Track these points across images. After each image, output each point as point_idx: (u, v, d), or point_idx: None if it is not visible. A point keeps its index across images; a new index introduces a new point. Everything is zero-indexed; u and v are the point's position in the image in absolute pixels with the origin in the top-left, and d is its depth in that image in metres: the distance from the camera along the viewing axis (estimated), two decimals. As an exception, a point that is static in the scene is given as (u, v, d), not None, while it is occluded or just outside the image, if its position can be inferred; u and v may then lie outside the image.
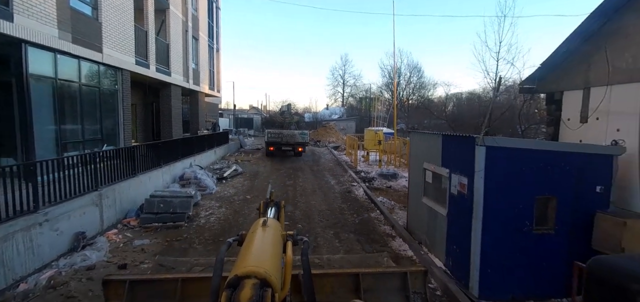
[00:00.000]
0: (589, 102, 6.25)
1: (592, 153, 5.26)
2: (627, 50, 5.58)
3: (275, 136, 19.51)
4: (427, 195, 7.05)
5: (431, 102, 42.52)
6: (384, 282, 2.98)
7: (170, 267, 3.81)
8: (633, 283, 1.00)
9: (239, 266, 1.17)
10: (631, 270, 1.02)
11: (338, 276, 2.92)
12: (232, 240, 1.69)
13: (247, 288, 1.03)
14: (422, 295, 3.01)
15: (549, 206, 5.21)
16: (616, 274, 1.05)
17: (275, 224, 1.76)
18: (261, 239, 1.50)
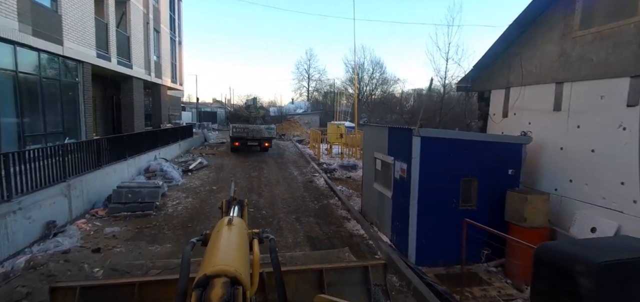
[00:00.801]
0: (509, 100, 7.43)
1: (506, 142, 6.39)
2: (536, 57, 6.76)
3: (240, 131, 18.91)
4: (377, 181, 7.97)
5: (394, 97, 44.34)
6: (347, 276, 3.01)
7: (124, 271, 3.66)
8: (575, 265, 1.06)
9: (207, 265, 1.12)
10: (573, 254, 1.09)
11: (302, 272, 2.92)
12: (195, 240, 1.63)
13: (217, 287, 1.00)
14: (382, 287, 3.04)
15: (472, 186, 6.27)
16: (560, 258, 1.12)
17: (241, 222, 1.73)
18: (228, 238, 1.44)
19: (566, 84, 6.11)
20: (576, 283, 0.89)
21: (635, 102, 5.03)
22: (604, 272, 0.86)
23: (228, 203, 2.45)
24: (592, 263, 0.87)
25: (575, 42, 5.95)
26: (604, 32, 5.47)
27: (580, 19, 5.89)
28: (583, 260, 0.91)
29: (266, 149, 19.86)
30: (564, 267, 0.94)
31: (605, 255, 0.89)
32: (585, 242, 1.02)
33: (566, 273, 0.93)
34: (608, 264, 0.86)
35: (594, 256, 0.90)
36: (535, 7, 6.45)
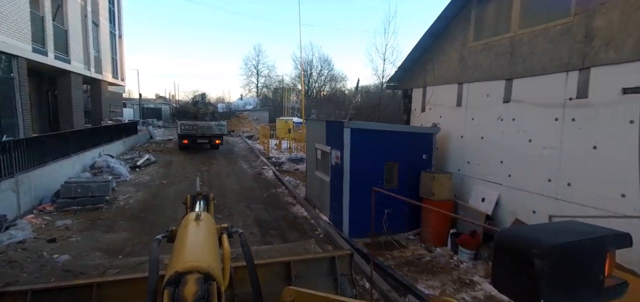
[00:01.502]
0: (426, 97, 8.85)
1: (420, 132, 7.75)
2: (444, 62, 8.21)
3: (189, 128, 18.25)
4: (318, 169, 9.02)
5: (343, 94, 46.15)
6: (314, 267, 3.06)
7: (78, 272, 3.45)
8: (531, 248, 1.01)
9: (177, 262, 1.09)
10: (529, 237, 1.03)
11: (269, 265, 2.92)
12: (161, 236, 1.60)
13: (190, 283, 0.98)
14: (348, 276, 3.11)
15: (394, 169, 7.54)
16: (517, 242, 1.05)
17: (209, 217, 1.69)
18: (196, 234, 1.41)
19: (464, 85, 7.59)
20: (532, 264, 0.92)
21: (508, 99, 6.55)
22: (556, 254, 0.90)
23: (193, 198, 2.37)
24: (545, 245, 0.90)
25: (470, 51, 7.43)
26: (489, 44, 6.98)
27: (474, 33, 7.37)
28: (538, 243, 0.93)
29: (217, 147, 19.45)
30: (521, 250, 0.96)
31: (557, 238, 0.94)
32: (539, 227, 1.09)
33: (523, 256, 0.95)
34: (559, 246, 0.90)
35: (547, 239, 0.93)
36: (442, 21, 7.87)
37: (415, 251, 7.10)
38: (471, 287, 5.73)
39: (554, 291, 0.90)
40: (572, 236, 0.95)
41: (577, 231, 0.99)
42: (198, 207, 2.18)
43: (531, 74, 6.06)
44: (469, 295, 5.48)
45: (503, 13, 6.65)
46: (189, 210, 2.23)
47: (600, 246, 0.95)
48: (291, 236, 7.36)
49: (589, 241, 0.94)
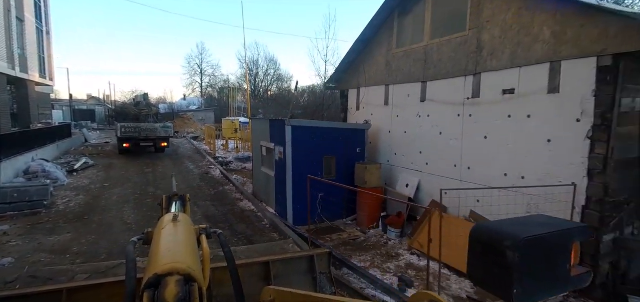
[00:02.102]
0: (360, 97, 9.87)
1: (354, 128, 8.72)
2: (374, 66, 9.26)
3: (131, 131, 17.20)
4: (264, 165, 9.64)
5: (290, 93, 46.73)
6: (293, 266, 3.02)
7: (46, 278, 3.28)
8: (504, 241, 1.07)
9: (156, 264, 1.05)
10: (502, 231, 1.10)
11: (249, 265, 2.89)
12: (137, 239, 1.55)
13: (171, 285, 0.94)
14: (327, 274, 3.09)
15: (332, 162, 8.41)
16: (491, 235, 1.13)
17: (187, 218, 1.67)
18: (175, 235, 1.38)
19: (390, 86, 8.69)
20: (505, 256, 0.96)
21: (424, 99, 7.73)
22: (527, 246, 0.95)
23: (169, 199, 2.30)
24: (517, 238, 0.96)
25: (394, 57, 8.53)
26: (408, 51, 8.11)
27: (396, 41, 8.49)
28: (510, 236, 0.99)
29: (163, 150, 18.48)
30: (494, 243, 1.01)
31: (528, 231, 0.98)
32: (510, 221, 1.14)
33: (496, 248, 1.00)
34: (530, 239, 0.96)
35: (518, 232, 0.99)
36: (370, 29, 8.90)
37: (352, 233, 8.03)
38: (396, 259, 6.74)
39: (525, 280, 0.94)
40: (541, 229, 0.99)
41: (546, 225, 1.04)
42: (174, 208, 2.09)
43: (440, 78, 7.26)
44: (393, 264, 6.47)
45: (418, 25, 7.81)
46: (165, 211, 2.14)
47: (566, 238, 1.01)
48: (239, 228, 7.91)
49: (557, 234, 0.99)
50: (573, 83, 5.05)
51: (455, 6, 6.91)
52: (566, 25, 5.07)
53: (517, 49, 5.75)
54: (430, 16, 7.52)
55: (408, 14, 8.12)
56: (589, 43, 4.83)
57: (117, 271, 2.74)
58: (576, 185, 5.08)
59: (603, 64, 4.70)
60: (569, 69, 5.09)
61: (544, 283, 0.99)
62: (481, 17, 6.33)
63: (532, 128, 5.63)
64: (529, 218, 1.19)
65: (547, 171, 5.43)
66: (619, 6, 4.62)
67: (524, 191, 5.63)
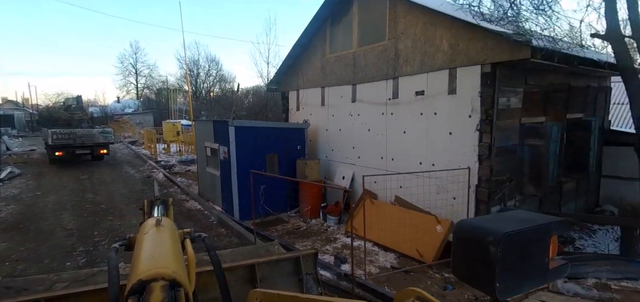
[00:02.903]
0: (299, 98, 10.63)
1: (294, 127, 9.46)
2: (311, 69, 10.07)
3: (64, 137, 15.52)
4: (209, 165, 9.99)
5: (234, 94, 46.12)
6: (278, 268, 3.02)
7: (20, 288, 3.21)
8: (486, 236, 1.07)
9: (140, 269, 1.00)
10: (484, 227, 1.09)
11: (234, 269, 2.85)
12: (118, 245, 1.49)
13: (156, 291, 0.91)
14: (313, 275, 3.07)
15: (274, 160, 9.06)
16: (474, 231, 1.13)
17: (170, 222, 1.61)
18: (158, 239, 1.33)
19: (326, 88, 9.56)
20: (487, 251, 1.00)
21: (354, 99, 8.69)
22: (508, 241, 0.97)
23: (151, 203, 2.27)
24: (498, 233, 0.98)
25: (328, 61, 9.41)
26: (340, 56, 9.03)
27: (329, 47, 9.37)
28: (492, 232, 1.01)
29: (102, 157, 16.95)
30: (477, 238, 1.05)
31: (509, 227, 1.01)
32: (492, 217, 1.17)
33: (479, 243, 1.03)
34: (511, 234, 0.98)
35: (500, 228, 1.01)
36: (306, 36, 9.68)
37: (295, 223, 8.77)
38: (334, 242, 7.59)
39: (506, 275, 0.96)
40: (521, 224, 1.01)
41: (525, 220, 1.05)
42: (156, 212, 2.06)
43: (367, 81, 8.26)
44: (331, 246, 7.30)
45: (347, 34, 8.75)
46: (147, 216, 2.10)
47: (545, 232, 1.04)
48: (187, 226, 8.20)
49: (536, 228, 1.02)
50: (465, 86, 6.26)
51: (377, 19, 7.93)
52: (459, 38, 6.27)
53: (425, 57, 6.89)
54: (357, 26, 8.49)
55: (339, 24, 9.04)
56: (475, 54, 6.05)
57: (97, 279, 2.58)
58: (470, 168, 6.30)
59: (485, 71, 5.94)
60: (462, 75, 6.30)
61: (525, 276, 1.01)
62: (397, 29, 7.41)
63: (438, 123, 6.80)
64: (509, 214, 1.23)
65: (450, 158, 6.62)
66: (493, 25, 5.83)
67: (434, 175, 6.78)
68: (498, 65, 5.83)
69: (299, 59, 10.40)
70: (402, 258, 6.60)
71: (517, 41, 5.27)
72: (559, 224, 1.08)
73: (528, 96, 6.55)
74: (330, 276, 5.82)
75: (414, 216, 7.04)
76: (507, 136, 6.32)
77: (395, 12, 7.42)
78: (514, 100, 6.30)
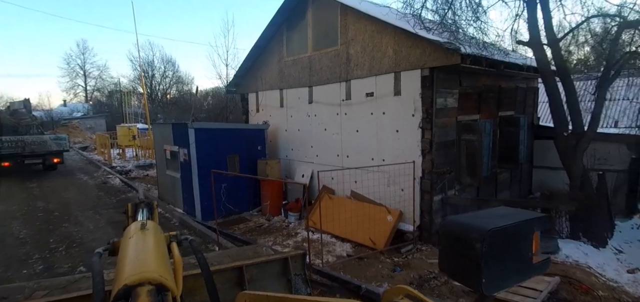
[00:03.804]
0: (259, 100, 10.93)
1: (254, 129, 9.77)
2: (269, 72, 10.42)
3: (11, 146, 14.08)
4: (169, 168, 10.03)
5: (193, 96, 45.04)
6: (267, 270, 3.01)
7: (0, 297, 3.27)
8: (471, 233, 1.12)
9: (125, 274, 0.98)
10: (470, 224, 1.15)
11: (222, 271, 2.83)
12: (102, 250, 1.47)
13: (143, 296, 0.90)
14: (302, 276, 3.08)
15: (235, 160, 9.32)
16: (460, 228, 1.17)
17: (155, 225, 1.58)
18: (144, 243, 1.30)
19: (284, 90, 9.97)
20: (473, 247, 1.02)
21: (311, 101, 9.18)
22: (492, 237, 1.00)
23: (135, 207, 2.20)
24: (483, 230, 1.01)
25: (285, 64, 9.82)
26: (296, 60, 9.47)
27: (286, 51, 9.78)
28: (477, 228, 1.03)
29: (55, 167, 15.53)
30: (463, 235, 1.07)
31: (493, 223, 1.04)
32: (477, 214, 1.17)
33: (464, 240, 1.05)
34: (495, 230, 1.01)
35: (485, 224, 1.03)
36: (263, 39, 10.02)
37: (257, 221, 9.09)
38: (295, 237, 8.01)
39: (492, 270, 1.00)
40: (505, 220, 1.05)
41: (509, 216, 1.09)
42: (140, 216, 2.02)
43: (322, 83, 8.77)
44: (292, 241, 7.71)
45: (302, 38, 9.21)
46: (131, 220, 2.05)
47: (528, 228, 1.08)
48: (147, 228, 8.29)
49: (519, 224, 1.06)
50: (408, 88, 6.95)
51: (329, 26, 8.46)
52: (402, 45, 6.94)
53: (373, 61, 7.51)
54: (311, 32, 8.98)
55: (294, 29, 9.47)
56: (415, 59, 6.75)
57: (80, 285, 2.57)
58: (415, 162, 6.99)
59: (424, 74, 6.65)
60: (406, 78, 6.98)
61: (509, 271, 1.02)
62: (348, 35, 7.98)
63: (387, 122, 7.45)
64: (494, 211, 1.24)
65: (398, 153, 7.29)
66: (431, 33, 6.55)
67: (384, 169, 7.42)
68: (435, 69, 6.56)
69: (257, 62, 10.70)
70: (357, 247, 7.16)
71: (448, 49, 6.00)
72: (541, 221, 1.10)
73: (463, 96, 7.37)
74: (290, 266, 6.25)
75: (367, 208, 7.65)
76: (446, 132, 7.09)
77: (346, 20, 7.99)
78: (450, 100, 7.08)
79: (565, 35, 7.31)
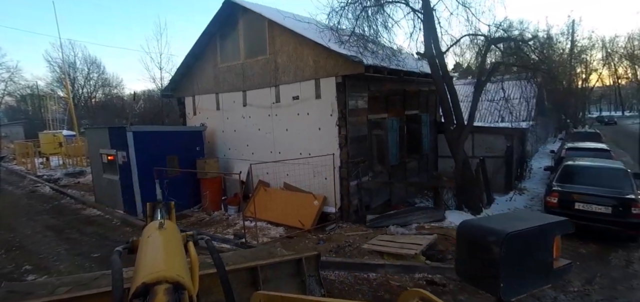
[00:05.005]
0: (195, 103, 11.60)
1: (192, 130, 10.47)
2: (205, 77, 11.16)
3: None
4: (106, 172, 10.30)
5: (121, 99, 42.66)
6: (281, 270, 3.01)
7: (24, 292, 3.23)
8: (489, 236, 1.09)
9: (144, 273, 1.00)
10: (487, 227, 1.18)
11: (236, 271, 2.85)
12: (121, 248, 1.43)
13: (160, 294, 0.91)
14: (315, 277, 3.06)
15: (175, 160, 9.94)
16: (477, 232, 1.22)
17: (173, 225, 1.59)
18: (161, 242, 1.29)
19: (220, 94, 10.80)
20: (490, 250, 1.00)
21: (245, 104, 10.15)
22: (510, 241, 0.98)
23: (153, 207, 2.22)
24: (501, 234, 0.99)
25: (220, 70, 10.66)
26: (230, 66, 10.37)
27: (220, 57, 10.62)
28: (494, 232, 1.01)
29: None
30: (480, 239, 1.05)
31: (511, 227, 1.01)
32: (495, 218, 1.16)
33: (482, 244, 1.04)
34: (513, 234, 0.99)
35: (502, 228, 1.01)
36: (198, 46, 10.74)
37: (199, 217, 9.82)
38: (234, 226, 8.90)
39: (511, 274, 0.98)
40: (524, 224, 1.03)
41: (528, 220, 1.08)
42: (158, 215, 2.03)
43: (255, 88, 9.80)
44: (232, 229, 8.61)
45: (235, 47, 10.14)
46: (150, 219, 2.08)
47: (548, 232, 1.06)
48: (88, 230, 8.63)
49: (539, 228, 1.04)
50: (327, 92, 8.28)
51: (259, 36, 9.51)
52: (320, 57, 8.26)
53: (297, 69, 8.74)
54: (243, 41, 9.96)
55: (227, 38, 10.36)
56: (331, 68, 8.10)
57: (100, 282, 2.63)
58: (334, 154, 8.35)
59: (338, 81, 8.03)
60: (324, 84, 8.31)
61: (529, 276, 1.01)
62: (275, 46, 9.12)
63: (311, 121, 8.72)
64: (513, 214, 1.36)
65: (321, 148, 8.59)
66: (343, 47, 7.92)
67: (311, 161, 8.68)
68: (346, 77, 7.97)
69: (193, 68, 11.37)
70: (289, 229, 8.32)
71: (354, 60, 7.43)
72: (562, 225, 1.06)
73: (372, 99, 8.92)
74: (230, 247, 7.23)
75: (297, 196, 8.87)
76: (358, 129, 8.56)
77: (273, 32, 9.12)
78: (361, 102, 8.57)
79: (447, 50, 9.18)
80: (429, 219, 8.23)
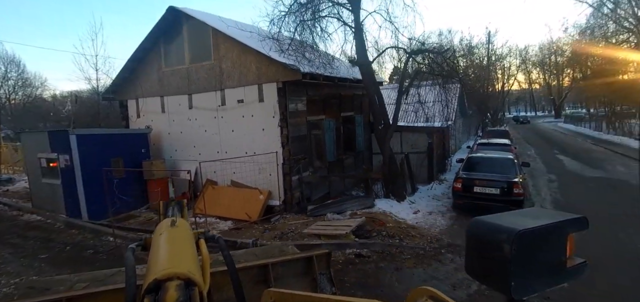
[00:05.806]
0: (139, 106, 11.77)
1: (137, 133, 10.70)
2: (149, 80, 11.39)
3: None
4: (45, 176, 10.13)
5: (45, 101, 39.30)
6: (292, 268, 3.04)
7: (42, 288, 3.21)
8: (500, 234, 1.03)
9: (155, 269, 1.02)
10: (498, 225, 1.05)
11: (247, 269, 2.86)
12: (135, 245, 1.40)
13: (171, 290, 0.93)
14: (327, 275, 3.10)
15: (120, 162, 10.12)
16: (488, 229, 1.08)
17: (185, 223, 1.55)
18: (174, 239, 1.29)
19: (165, 97, 11.14)
20: (501, 249, 0.99)
21: (191, 106, 10.64)
22: (522, 238, 0.97)
23: (165, 205, 2.21)
24: (512, 231, 0.98)
25: (165, 74, 11.00)
26: (175, 70, 10.78)
27: (165, 62, 10.97)
28: (506, 230, 1.00)
29: None
30: (491, 237, 1.04)
31: (522, 224, 1.00)
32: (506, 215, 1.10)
33: (492, 241, 1.02)
34: (525, 232, 0.97)
35: (514, 226, 1.00)
36: (141, 51, 10.97)
37: (147, 217, 10.12)
38: (182, 224, 9.41)
39: (522, 273, 0.96)
40: (536, 222, 1.01)
41: (541, 217, 1.06)
42: (171, 213, 2.04)
43: (200, 92, 10.34)
44: (180, 227, 9.13)
45: (180, 52, 10.59)
46: (162, 217, 2.08)
47: (562, 230, 1.04)
48: (31, 234, 8.60)
49: (552, 226, 1.02)
50: (269, 96, 9.16)
51: (203, 43, 10.09)
52: (262, 64, 9.11)
53: (242, 75, 9.50)
54: (187, 46, 10.45)
55: (172, 43, 10.76)
56: (273, 75, 9.00)
57: (115, 279, 2.80)
58: (277, 152, 9.25)
59: (279, 86, 8.94)
60: (267, 89, 9.17)
61: (541, 275, 1.00)
62: (220, 52, 9.78)
63: (255, 123, 9.53)
64: (525, 211, 1.22)
65: (265, 147, 9.44)
66: (282, 55, 8.83)
67: (255, 159, 9.49)
68: (286, 82, 8.91)
69: (136, 71, 11.53)
70: (237, 222, 9.05)
71: (292, 69, 8.40)
72: (576, 222, 1.06)
73: (310, 102, 9.97)
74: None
75: (244, 192, 9.62)
76: (298, 129, 9.56)
77: (217, 39, 9.78)
78: (300, 105, 9.58)
79: (374, 60, 10.54)
80: (361, 206, 9.47)
